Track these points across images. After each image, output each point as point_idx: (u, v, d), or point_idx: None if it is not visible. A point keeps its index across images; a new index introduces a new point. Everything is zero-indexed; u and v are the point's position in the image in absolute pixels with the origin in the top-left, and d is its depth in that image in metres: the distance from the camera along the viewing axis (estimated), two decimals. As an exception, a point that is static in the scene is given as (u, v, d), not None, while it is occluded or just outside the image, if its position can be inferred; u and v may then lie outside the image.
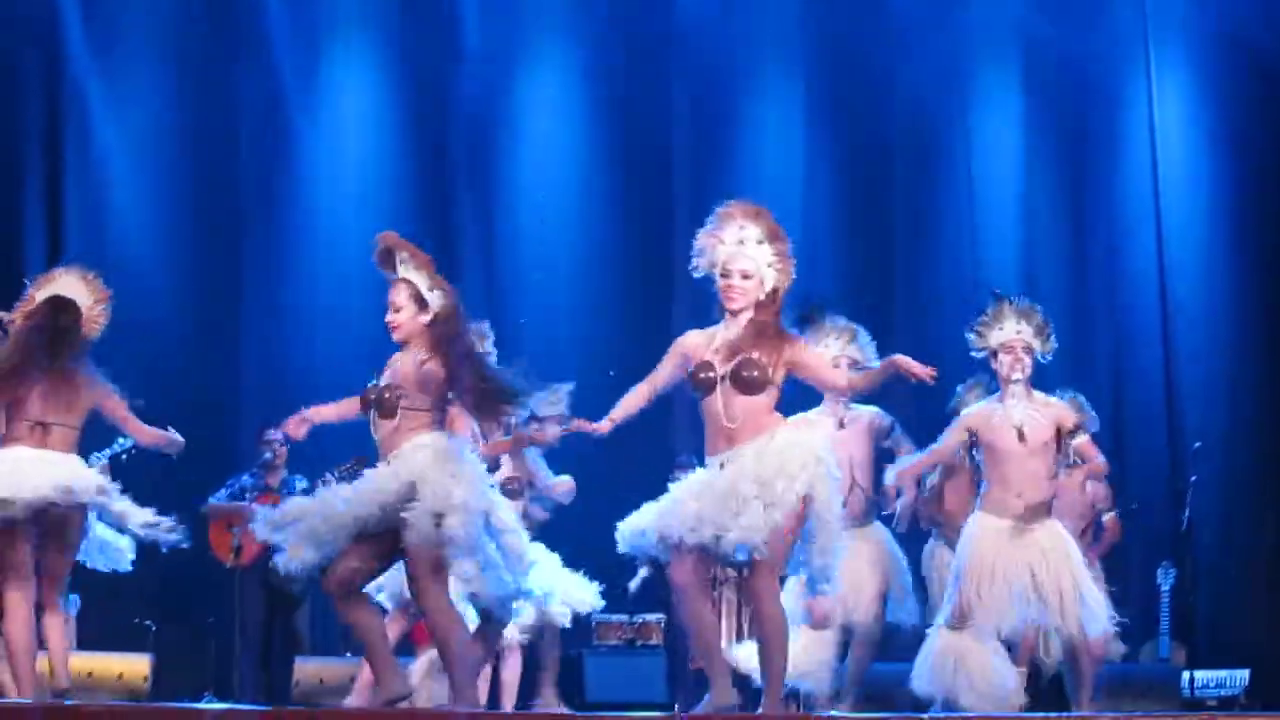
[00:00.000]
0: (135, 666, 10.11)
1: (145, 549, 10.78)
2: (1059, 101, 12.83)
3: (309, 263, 12.20)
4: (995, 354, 8.06)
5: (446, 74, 12.57)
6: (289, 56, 12.37)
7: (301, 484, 10.75)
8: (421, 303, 6.87)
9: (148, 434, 7.87)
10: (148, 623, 10.49)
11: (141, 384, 8.87)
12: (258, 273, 12.34)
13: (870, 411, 8.73)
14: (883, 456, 8.84)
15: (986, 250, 12.64)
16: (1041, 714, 8.23)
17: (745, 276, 6.71)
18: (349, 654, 10.29)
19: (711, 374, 6.59)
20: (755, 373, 6.53)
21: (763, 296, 6.69)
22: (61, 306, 7.55)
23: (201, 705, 9.04)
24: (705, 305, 12.45)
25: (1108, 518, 9.77)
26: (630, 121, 12.66)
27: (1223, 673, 10.43)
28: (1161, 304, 12.39)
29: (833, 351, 8.29)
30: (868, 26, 12.60)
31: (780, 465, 6.43)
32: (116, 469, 9.72)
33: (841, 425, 8.62)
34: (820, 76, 12.77)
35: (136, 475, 10.07)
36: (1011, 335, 8.02)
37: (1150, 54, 12.52)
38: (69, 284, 7.68)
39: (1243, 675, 10.51)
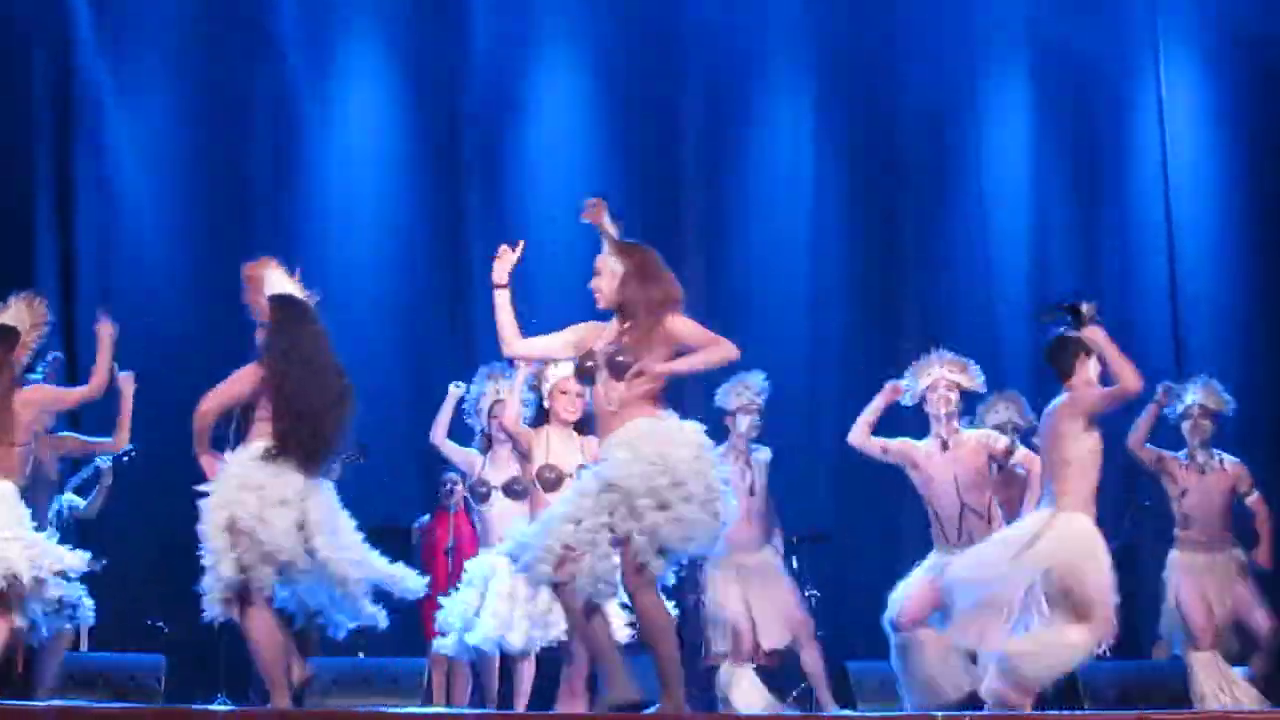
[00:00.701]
0: (147, 668, 10.09)
1: (155, 546, 10.89)
2: (1068, 100, 12.82)
3: (319, 263, 12.14)
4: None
5: (457, 73, 12.58)
6: (300, 56, 12.38)
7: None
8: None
9: (93, 386, 8.38)
10: (159, 624, 10.49)
11: (150, 383, 8.92)
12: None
13: (978, 434, 8.77)
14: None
15: (997, 250, 12.63)
16: (1054, 712, 8.23)
17: (596, 273, 6.79)
18: (360, 654, 10.29)
19: (592, 363, 6.62)
20: (626, 358, 6.47)
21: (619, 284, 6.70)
22: None
23: (214, 707, 9.06)
24: (716, 304, 12.57)
25: (1251, 499, 9.67)
26: (641, 121, 12.66)
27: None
28: (1172, 305, 12.38)
29: (932, 377, 8.56)
30: (878, 26, 12.61)
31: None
32: (120, 472, 9.79)
33: (945, 447, 8.64)
34: (831, 76, 12.76)
35: (144, 477, 10.14)
36: None
37: (1160, 54, 12.52)
38: (15, 312, 8.13)
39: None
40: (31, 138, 12.04)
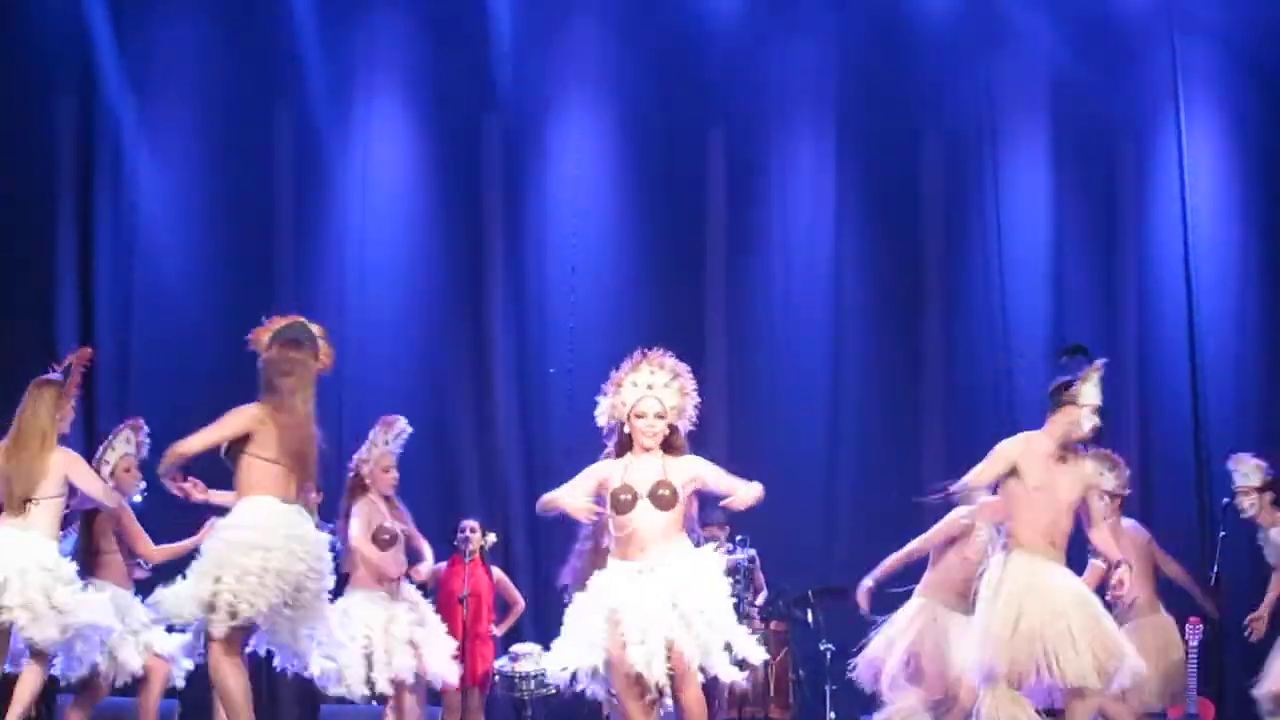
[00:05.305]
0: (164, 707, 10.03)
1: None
2: (1089, 152, 12.80)
3: (340, 306, 12.22)
4: None
5: (479, 121, 12.62)
6: (323, 102, 12.42)
7: (329, 527, 10.75)
8: None
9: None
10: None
11: (175, 423, 8.91)
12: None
13: None
14: None
15: (1015, 296, 12.58)
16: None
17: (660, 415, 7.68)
18: (374, 703, 10.23)
19: (630, 495, 7.31)
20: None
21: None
22: None
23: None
24: (739, 351, 12.53)
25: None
26: (663, 168, 12.67)
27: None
28: (1191, 356, 12.34)
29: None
30: (899, 74, 12.63)
31: None
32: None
33: None
34: (852, 123, 12.77)
35: (159, 517, 10.11)
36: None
37: (1180, 102, 12.49)
38: None
39: (1272, 730, 10.43)
40: (54, 182, 12.12)
